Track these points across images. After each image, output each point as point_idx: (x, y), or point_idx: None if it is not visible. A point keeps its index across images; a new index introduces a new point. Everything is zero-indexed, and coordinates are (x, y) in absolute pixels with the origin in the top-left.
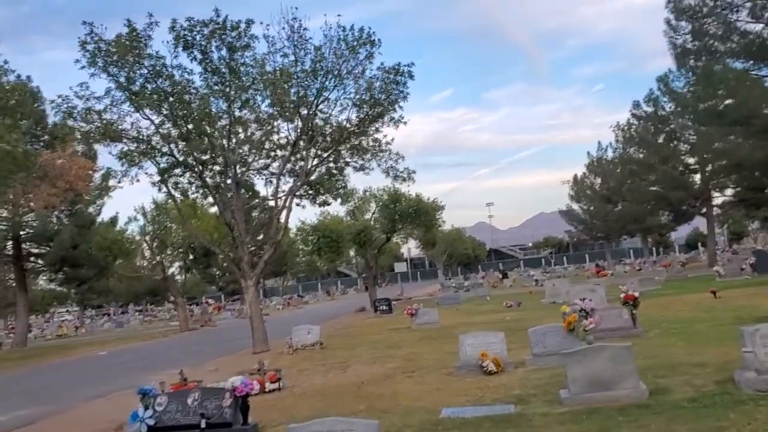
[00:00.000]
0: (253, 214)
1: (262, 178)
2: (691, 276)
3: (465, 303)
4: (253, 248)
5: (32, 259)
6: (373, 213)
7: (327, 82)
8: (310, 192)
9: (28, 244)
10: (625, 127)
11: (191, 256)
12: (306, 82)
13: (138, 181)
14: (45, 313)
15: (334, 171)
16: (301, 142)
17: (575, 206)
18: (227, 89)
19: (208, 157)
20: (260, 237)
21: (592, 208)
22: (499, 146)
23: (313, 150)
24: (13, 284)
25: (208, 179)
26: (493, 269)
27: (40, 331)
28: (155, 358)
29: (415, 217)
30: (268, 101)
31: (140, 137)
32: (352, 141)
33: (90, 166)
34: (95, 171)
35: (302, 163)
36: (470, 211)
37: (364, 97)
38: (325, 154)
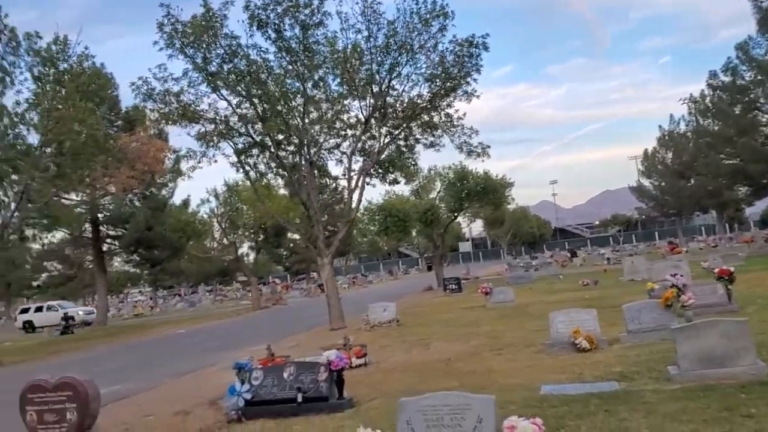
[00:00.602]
0: (324, 195)
1: (334, 158)
2: None
3: (537, 282)
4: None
5: (108, 241)
6: (438, 192)
7: (400, 57)
8: (380, 171)
9: (104, 226)
10: (699, 99)
11: (261, 237)
12: (379, 58)
13: (216, 161)
14: (119, 293)
15: (404, 149)
16: (373, 120)
17: (646, 182)
18: (301, 68)
19: (282, 137)
20: (324, 218)
21: (663, 183)
22: (562, 122)
23: (384, 128)
24: (90, 266)
25: (283, 160)
26: (559, 248)
27: (117, 310)
28: (233, 336)
29: (483, 195)
30: (338, 80)
31: (217, 118)
32: (424, 117)
33: (166, 148)
34: (171, 153)
35: (372, 141)
36: (533, 190)
37: (436, 71)
38: (397, 132)
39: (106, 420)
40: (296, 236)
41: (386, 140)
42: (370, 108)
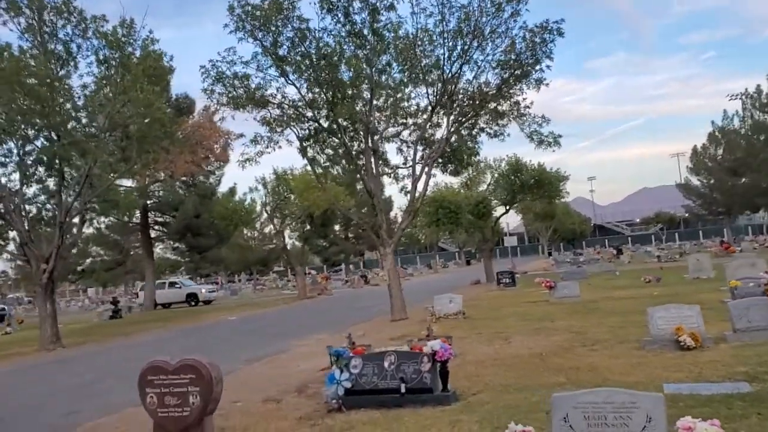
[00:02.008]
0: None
1: (395, 146)
2: None
3: (591, 278)
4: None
5: (156, 227)
6: (489, 184)
7: (472, 42)
8: (440, 160)
9: (153, 213)
10: (754, 94)
11: (308, 227)
12: (450, 43)
13: (280, 147)
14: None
15: (466, 138)
16: (440, 108)
17: (693, 180)
18: (369, 53)
19: (347, 123)
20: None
21: (712, 181)
22: (601, 118)
23: (452, 115)
24: (133, 252)
25: (349, 146)
26: (600, 245)
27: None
28: (289, 324)
29: (538, 188)
30: (405, 65)
31: (285, 103)
32: (491, 105)
33: (228, 134)
34: (233, 139)
35: (433, 130)
36: (569, 186)
37: (507, 57)
38: (464, 119)
39: None
40: (336, 227)
41: (453, 128)
42: (438, 94)
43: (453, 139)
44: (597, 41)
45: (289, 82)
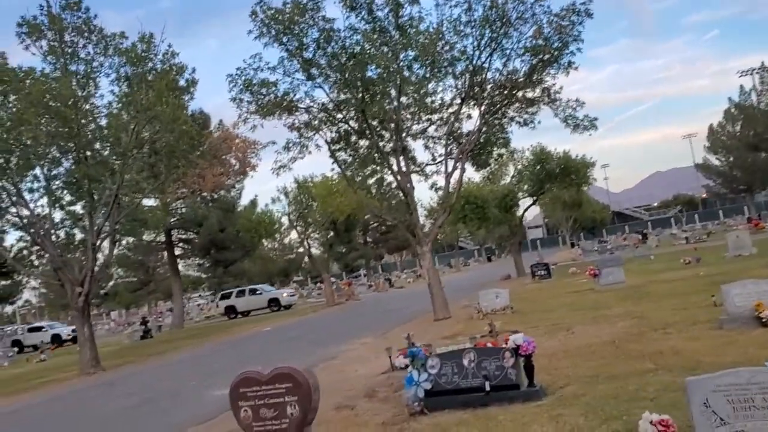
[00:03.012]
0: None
1: (422, 143)
2: None
3: (627, 263)
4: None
5: (180, 244)
6: (512, 176)
7: (501, 30)
8: (469, 153)
9: (175, 230)
10: None
11: (332, 233)
12: (478, 32)
13: (310, 153)
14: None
15: (497, 129)
16: (469, 99)
17: (713, 159)
18: (395, 48)
19: (377, 122)
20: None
21: (731, 158)
22: (609, 105)
23: (483, 105)
24: (154, 272)
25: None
26: (621, 232)
27: (186, 314)
28: (328, 330)
29: (565, 176)
30: (427, 60)
31: (314, 107)
32: (521, 93)
33: (254, 144)
34: (260, 149)
35: (459, 124)
36: None
37: (535, 43)
38: (496, 108)
39: None
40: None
41: (484, 119)
42: (467, 86)
43: (484, 129)
44: (599, 30)
45: (317, 85)
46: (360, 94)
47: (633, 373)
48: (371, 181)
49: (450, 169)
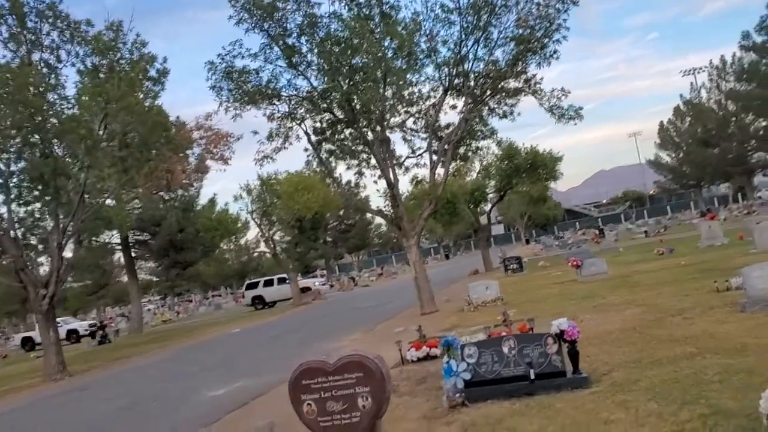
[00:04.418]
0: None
1: (400, 136)
2: None
3: (599, 256)
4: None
5: (136, 246)
6: (479, 172)
7: (489, 18)
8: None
9: (131, 231)
10: (719, 66)
11: (297, 231)
12: (466, 20)
13: (291, 144)
14: (128, 303)
15: (477, 121)
16: (453, 90)
17: (663, 155)
18: (379, 36)
19: (362, 111)
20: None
21: (681, 154)
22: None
23: (467, 96)
24: (109, 275)
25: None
26: (573, 229)
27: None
28: (308, 329)
29: (533, 171)
30: (410, 49)
31: (298, 95)
32: (505, 83)
33: (229, 136)
34: (234, 141)
35: (441, 114)
36: None
37: (521, 32)
38: (481, 98)
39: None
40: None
41: (468, 108)
42: (451, 75)
43: (467, 120)
44: None
45: (299, 72)
46: (347, 81)
47: (678, 358)
48: (351, 173)
49: (434, 160)
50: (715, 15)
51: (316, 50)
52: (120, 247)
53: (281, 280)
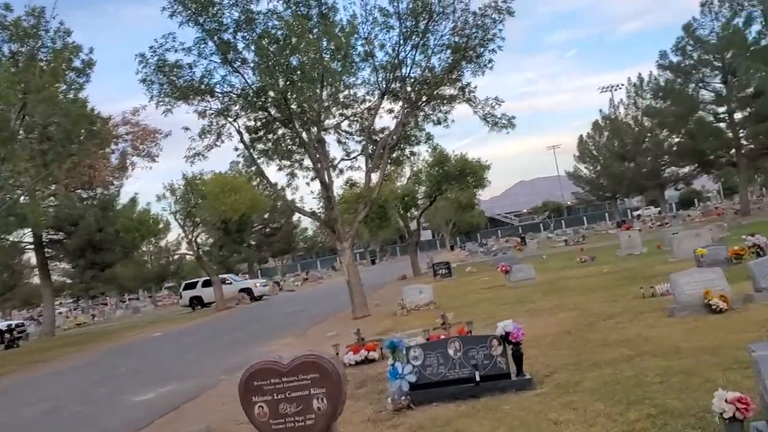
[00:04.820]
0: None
1: (336, 138)
2: (756, 221)
3: (524, 262)
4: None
5: (51, 245)
6: (409, 177)
7: (428, 24)
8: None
9: (47, 230)
10: (637, 84)
11: (222, 233)
12: (405, 24)
13: (223, 142)
14: (38, 306)
15: (411, 127)
16: (389, 94)
17: (582, 167)
18: (317, 36)
19: (299, 111)
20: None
21: (598, 168)
22: (477, 117)
23: (402, 101)
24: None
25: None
26: (495, 236)
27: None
28: (235, 333)
29: (462, 178)
30: (347, 52)
31: (233, 92)
32: (441, 89)
33: (157, 132)
34: (162, 138)
35: (377, 119)
36: None
37: (458, 40)
38: (417, 103)
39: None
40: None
41: (405, 112)
42: (389, 79)
43: (405, 124)
44: None
45: (234, 69)
46: (284, 79)
47: (617, 360)
48: (282, 175)
49: (370, 164)
50: (631, 35)
51: (253, 47)
52: (32, 247)
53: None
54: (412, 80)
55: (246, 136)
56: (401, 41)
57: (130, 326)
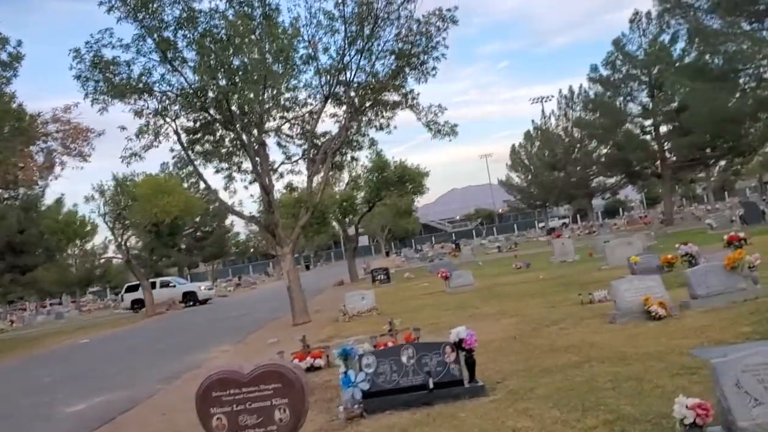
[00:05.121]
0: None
1: (276, 141)
2: (680, 230)
3: (461, 268)
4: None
5: None
6: (348, 183)
7: (373, 28)
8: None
9: None
10: (567, 96)
11: (153, 236)
12: (351, 29)
13: (160, 143)
14: None
15: (353, 132)
16: (332, 98)
17: (514, 176)
18: (260, 37)
19: (240, 113)
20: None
21: (530, 176)
22: (410, 125)
23: (346, 106)
24: None
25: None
26: (430, 243)
27: None
28: (168, 340)
29: (401, 185)
30: (290, 54)
31: (172, 91)
32: (385, 95)
33: (89, 131)
34: (94, 136)
35: (319, 122)
36: None
37: (402, 46)
38: (361, 108)
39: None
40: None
41: (349, 117)
42: (332, 83)
43: (348, 129)
44: None
45: (174, 68)
46: (225, 80)
47: (566, 366)
48: (219, 177)
49: (312, 169)
50: (562, 48)
51: (194, 46)
52: None
53: (163, 284)
54: (356, 85)
55: (184, 137)
56: (346, 45)
57: (55, 332)
